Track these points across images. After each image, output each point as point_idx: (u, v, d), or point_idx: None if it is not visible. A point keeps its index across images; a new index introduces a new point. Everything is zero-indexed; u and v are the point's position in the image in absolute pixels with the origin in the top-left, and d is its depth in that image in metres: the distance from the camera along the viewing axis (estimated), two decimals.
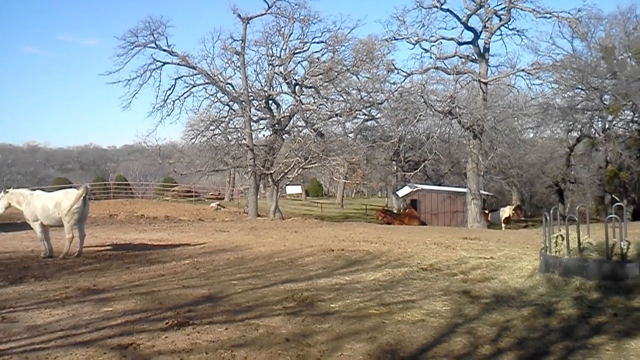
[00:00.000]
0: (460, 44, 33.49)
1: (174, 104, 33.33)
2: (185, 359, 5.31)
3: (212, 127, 33.81)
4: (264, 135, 35.83)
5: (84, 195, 12.26)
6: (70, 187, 14.85)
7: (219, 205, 37.97)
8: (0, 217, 13.64)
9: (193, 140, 34.35)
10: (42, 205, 12.37)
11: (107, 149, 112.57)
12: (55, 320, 6.83)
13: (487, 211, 36.00)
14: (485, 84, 32.68)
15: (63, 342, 5.93)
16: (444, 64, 34.18)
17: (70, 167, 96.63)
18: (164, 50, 31.94)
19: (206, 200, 47.49)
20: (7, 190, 13.35)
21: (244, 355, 5.42)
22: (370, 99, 33.73)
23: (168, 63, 32.84)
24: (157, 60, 32.41)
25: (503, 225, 35.21)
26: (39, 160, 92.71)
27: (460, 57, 34.15)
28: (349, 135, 37.67)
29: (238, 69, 33.17)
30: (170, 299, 7.88)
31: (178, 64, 32.83)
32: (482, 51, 32.82)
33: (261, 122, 34.82)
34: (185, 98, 33.59)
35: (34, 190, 13.54)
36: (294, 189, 58.14)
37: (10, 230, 19.09)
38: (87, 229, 13.04)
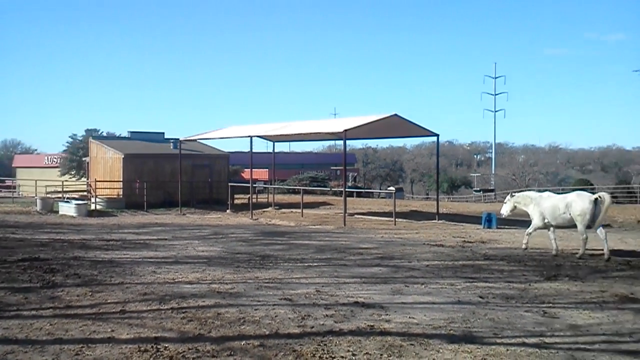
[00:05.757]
0: None
1: None
2: None
3: None
4: None
5: (594, 199, 12.34)
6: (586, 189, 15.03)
7: None
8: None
9: None
10: (553, 205, 12.94)
11: (630, 149, 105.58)
12: (595, 323, 6.86)
13: None
14: None
15: (607, 347, 5.91)
16: None
17: (590, 168, 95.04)
18: None
19: None
20: (513, 194, 14.57)
21: None
22: None
23: None
24: None
25: None
26: (560, 161, 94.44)
27: None
28: None
29: None
30: None
31: None
32: None
33: None
34: None
35: (542, 191, 14.31)
36: None
37: (521, 227, 20.21)
38: (615, 233, 12.55)
